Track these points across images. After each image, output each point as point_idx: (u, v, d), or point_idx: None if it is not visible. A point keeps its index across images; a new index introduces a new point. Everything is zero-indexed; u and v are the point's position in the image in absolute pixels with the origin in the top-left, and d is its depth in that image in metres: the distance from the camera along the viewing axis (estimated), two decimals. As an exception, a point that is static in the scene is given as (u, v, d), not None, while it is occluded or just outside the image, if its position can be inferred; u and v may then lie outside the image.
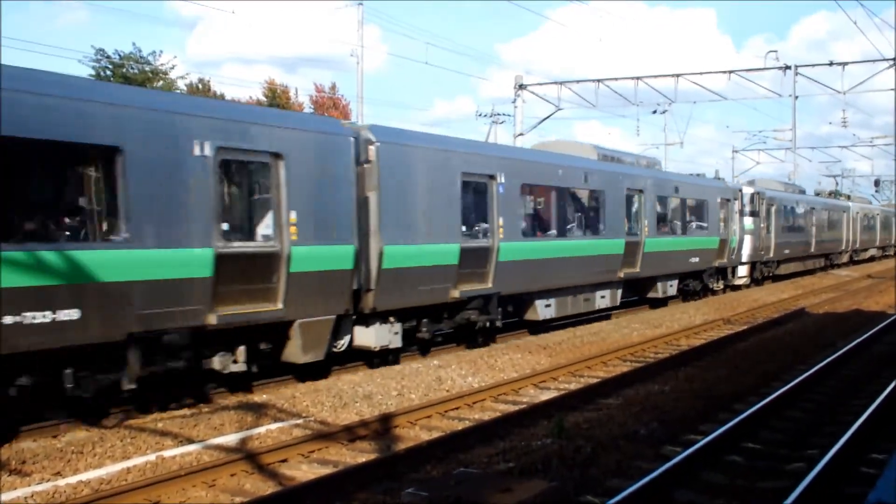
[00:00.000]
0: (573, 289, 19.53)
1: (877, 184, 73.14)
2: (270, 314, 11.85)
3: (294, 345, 12.43)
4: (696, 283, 27.26)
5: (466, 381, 13.56)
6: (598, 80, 32.34)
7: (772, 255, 33.99)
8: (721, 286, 29.42)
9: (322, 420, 10.94)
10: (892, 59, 28.78)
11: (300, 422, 10.78)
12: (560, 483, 7.96)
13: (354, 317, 13.64)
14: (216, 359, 11.37)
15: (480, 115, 49.01)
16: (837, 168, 72.23)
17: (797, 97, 30.61)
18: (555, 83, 33.64)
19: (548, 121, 41.67)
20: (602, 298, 20.93)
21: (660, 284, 24.39)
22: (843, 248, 48.60)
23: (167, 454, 9.29)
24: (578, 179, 19.80)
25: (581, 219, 20.31)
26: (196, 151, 10.74)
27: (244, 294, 11.48)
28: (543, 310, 18.58)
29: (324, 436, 9.94)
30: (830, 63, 31.26)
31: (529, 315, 18.57)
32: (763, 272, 33.92)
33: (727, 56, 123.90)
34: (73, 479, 8.43)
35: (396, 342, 14.46)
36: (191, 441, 9.82)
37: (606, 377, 13.91)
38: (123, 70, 40.66)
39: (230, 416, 10.90)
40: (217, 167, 11.08)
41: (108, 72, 40.66)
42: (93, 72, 39.14)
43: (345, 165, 13.10)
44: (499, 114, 46.82)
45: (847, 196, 63.58)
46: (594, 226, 20.62)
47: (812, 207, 41.34)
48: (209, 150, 10.88)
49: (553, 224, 18.99)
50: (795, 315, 23.15)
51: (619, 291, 21.88)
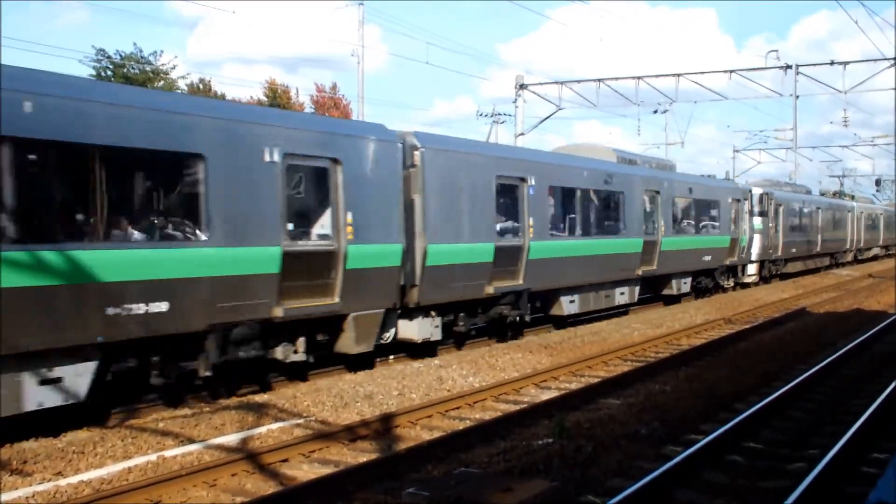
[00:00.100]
0: (595, 285, 20.45)
1: (878, 183, 73.71)
2: (328, 307, 12.79)
3: (347, 336, 13.36)
4: (708, 281, 28.17)
5: (467, 381, 13.55)
6: (599, 80, 32.50)
7: (780, 254, 34.89)
8: (731, 283, 30.31)
9: (323, 420, 10.93)
10: (893, 59, 28.98)
11: (301, 421, 10.77)
12: (561, 483, 7.93)
13: (399, 311, 14.58)
14: (279, 349, 12.27)
15: (481, 115, 49.87)
16: (838, 167, 73.16)
17: (798, 97, 30.94)
18: (555, 83, 33.82)
19: (548, 120, 41.84)
20: (622, 295, 21.87)
21: (674, 282, 25.35)
22: (848, 248, 49.48)
23: (168, 454, 9.27)
24: (600, 181, 20.74)
25: (603, 219, 21.26)
26: (266, 158, 11.69)
27: (306, 289, 12.41)
28: (568, 305, 19.50)
29: (325, 435, 9.92)
30: (831, 62, 31.53)
31: (555, 310, 19.50)
32: (771, 270, 34.84)
33: (728, 56, 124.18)
34: (75, 479, 8.38)
35: (437, 335, 15.39)
36: (192, 441, 9.80)
37: (607, 377, 13.88)
38: (124, 70, 40.41)
39: (231, 416, 10.88)
40: (284, 171, 12.02)
41: (109, 72, 40.23)
42: (93, 72, 38.81)
43: (394, 169, 14.05)
44: (499, 114, 47.48)
45: (851, 196, 64.43)
46: (615, 225, 21.53)
47: (817, 207, 42.23)
48: (277, 157, 11.84)
49: (578, 224, 19.85)
50: (796, 314, 23.13)
51: (637, 288, 22.83)
